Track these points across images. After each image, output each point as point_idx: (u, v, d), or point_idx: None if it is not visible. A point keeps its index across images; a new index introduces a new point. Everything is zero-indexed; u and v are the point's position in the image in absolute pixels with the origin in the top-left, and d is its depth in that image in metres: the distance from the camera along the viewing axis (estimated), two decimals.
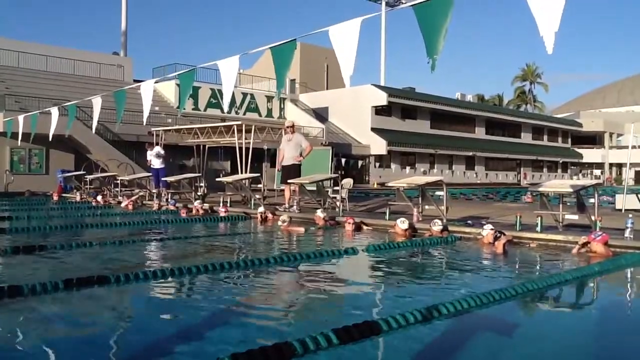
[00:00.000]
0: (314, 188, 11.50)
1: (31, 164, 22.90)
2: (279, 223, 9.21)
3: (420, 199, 9.37)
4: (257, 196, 12.77)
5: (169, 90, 32.77)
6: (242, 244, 8.09)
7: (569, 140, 59.26)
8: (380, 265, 6.26)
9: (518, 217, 7.90)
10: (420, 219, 8.95)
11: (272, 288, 5.21)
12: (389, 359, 3.26)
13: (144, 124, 10.04)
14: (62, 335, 3.60)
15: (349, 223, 8.82)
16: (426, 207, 9.38)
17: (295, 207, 11.36)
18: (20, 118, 9.57)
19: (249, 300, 4.59)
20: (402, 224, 8.08)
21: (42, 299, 4.33)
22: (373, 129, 38.11)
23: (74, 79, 30.59)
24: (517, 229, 7.76)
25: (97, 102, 7.69)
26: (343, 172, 19.05)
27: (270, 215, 10.45)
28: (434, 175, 37.29)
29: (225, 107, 30.64)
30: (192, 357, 3.04)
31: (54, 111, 8.56)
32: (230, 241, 8.18)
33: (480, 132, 48.56)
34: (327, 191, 12.11)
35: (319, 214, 9.67)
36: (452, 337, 3.62)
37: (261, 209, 10.61)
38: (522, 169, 52.02)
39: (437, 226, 7.91)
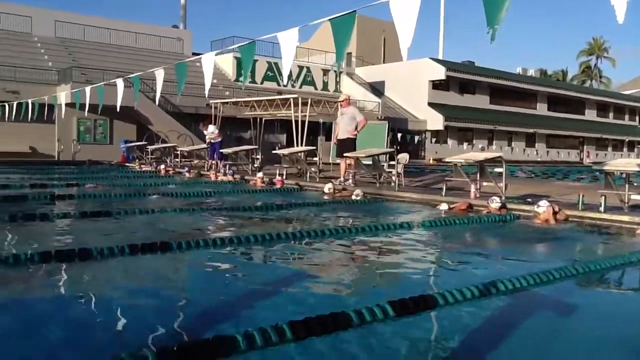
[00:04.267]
0: (370, 162, 11.47)
1: (96, 134, 23.78)
2: (325, 190, 9.53)
3: (478, 175, 9.21)
4: (313, 169, 12.85)
5: (226, 63, 33.15)
6: (298, 215, 8.18)
7: (637, 118, 56.54)
8: (436, 241, 6.22)
9: (580, 196, 7.65)
10: (478, 195, 8.81)
11: (327, 260, 5.27)
12: (444, 333, 3.26)
13: (206, 96, 10.21)
14: (125, 297, 3.77)
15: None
16: (484, 184, 9.21)
17: (350, 180, 11.38)
18: (87, 89, 9.91)
19: (304, 271, 4.67)
20: (493, 203, 7.80)
21: (109, 263, 4.55)
22: (430, 104, 37.49)
23: (136, 52, 31.36)
24: (580, 208, 7.53)
25: (159, 75, 7.87)
26: (399, 147, 18.92)
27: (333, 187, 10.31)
28: (492, 151, 36.44)
29: (285, 80, 30.79)
30: (248, 323, 3.12)
31: (119, 83, 8.82)
32: (286, 213, 8.27)
33: (542, 108, 46.99)
34: (383, 165, 12.07)
35: (326, 188, 9.87)
36: (509, 314, 3.58)
37: (330, 185, 10.36)
38: (585, 147, 50.13)
39: (495, 203, 7.76)
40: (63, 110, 12.11)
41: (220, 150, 15.64)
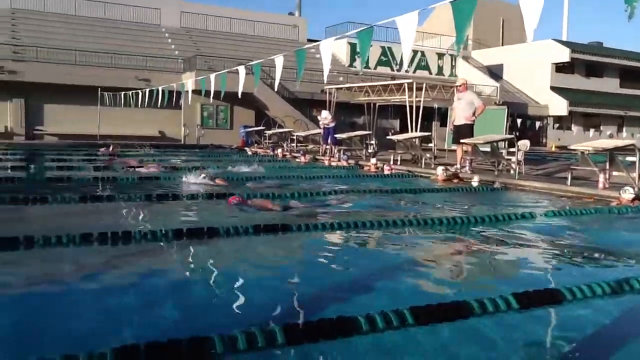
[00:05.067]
0: (488, 149, 11.12)
1: (218, 119, 25.01)
2: (438, 173, 9.81)
3: (607, 164, 8.62)
4: (428, 155, 12.67)
5: (340, 48, 33.34)
6: (412, 202, 8.08)
7: None
8: (561, 232, 5.90)
9: None
10: (607, 186, 8.27)
11: (444, 249, 5.19)
12: (569, 329, 3.12)
13: (324, 81, 10.41)
14: (247, 275, 3.98)
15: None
16: (614, 173, 8.62)
17: (467, 167, 11.10)
18: (212, 77, 10.44)
19: (420, 259, 4.62)
20: (626, 193, 7.31)
21: (233, 241, 4.82)
22: (553, 88, 35.45)
23: (253, 40, 32.43)
24: None
25: (279, 62, 8.10)
26: (518, 133, 18.15)
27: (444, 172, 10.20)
28: (622, 139, 33.85)
29: (405, 66, 30.49)
30: (361, 307, 3.17)
31: (241, 70, 9.20)
32: (400, 199, 8.22)
33: None
34: (502, 153, 11.65)
35: (439, 171, 9.95)
36: None
37: (442, 170, 10.28)
38: None
39: (628, 194, 7.22)
40: (190, 96, 12.83)
41: (335, 136, 15.85)
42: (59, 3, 28.49)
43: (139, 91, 17.51)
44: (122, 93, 19.70)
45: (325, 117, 16.87)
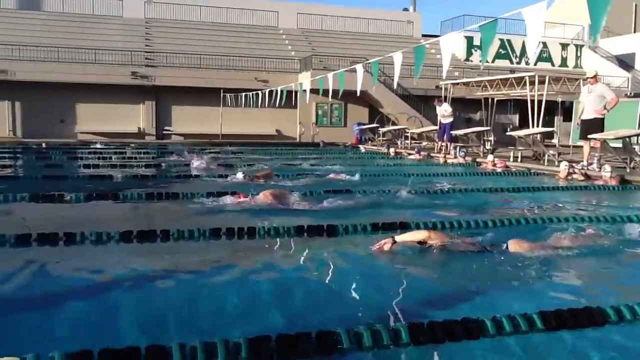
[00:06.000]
0: (619, 145, 10.37)
1: (332, 117, 25.39)
2: (561, 169, 9.49)
3: None
4: (551, 152, 12.05)
5: (456, 42, 32.46)
6: (530, 201, 7.69)
7: None
8: None
9: None
10: None
11: (570, 252, 4.90)
12: None
13: (444, 77, 10.26)
14: (366, 270, 4.04)
15: None
16: None
17: (595, 164, 10.43)
18: (330, 76, 10.63)
19: (550, 262, 4.41)
20: None
21: (352, 238, 4.90)
22: None
23: (368, 37, 32.48)
24: None
25: (397, 59, 8.08)
26: None
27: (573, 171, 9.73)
28: None
29: (532, 59, 29.33)
30: (488, 310, 3.10)
31: (359, 69, 9.29)
32: (521, 198, 7.88)
33: None
34: (634, 149, 10.82)
35: (562, 167, 9.65)
36: None
37: (566, 166, 9.82)
38: None
39: None
40: (307, 96, 13.13)
41: (451, 132, 15.50)
42: (187, 11, 30.27)
43: (259, 92, 18.20)
44: (243, 94, 20.57)
45: (445, 109, 16.33)
